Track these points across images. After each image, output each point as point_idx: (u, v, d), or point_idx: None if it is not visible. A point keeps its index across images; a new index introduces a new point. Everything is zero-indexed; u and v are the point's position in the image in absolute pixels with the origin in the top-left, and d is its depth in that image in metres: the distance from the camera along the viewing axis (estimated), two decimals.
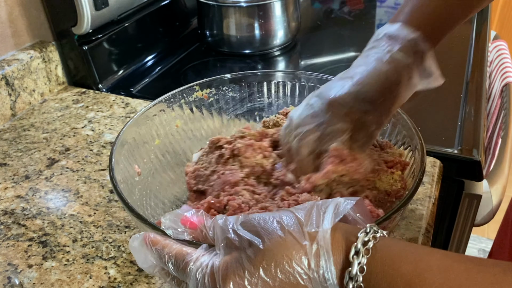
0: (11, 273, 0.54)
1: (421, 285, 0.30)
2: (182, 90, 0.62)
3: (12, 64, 0.83)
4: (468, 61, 0.98)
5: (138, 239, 0.39)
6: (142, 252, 0.39)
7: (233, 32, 1.02)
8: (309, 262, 0.32)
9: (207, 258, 0.35)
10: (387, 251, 0.32)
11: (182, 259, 0.36)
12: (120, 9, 0.94)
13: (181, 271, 0.36)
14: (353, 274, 0.31)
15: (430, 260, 0.31)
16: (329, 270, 0.31)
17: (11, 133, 0.80)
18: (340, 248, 0.32)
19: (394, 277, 0.30)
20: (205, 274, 0.34)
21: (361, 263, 0.31)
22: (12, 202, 0.65)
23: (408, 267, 0.30)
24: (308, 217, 0.34)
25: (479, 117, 0.79)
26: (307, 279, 0.32)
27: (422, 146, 0.50)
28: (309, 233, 0.33)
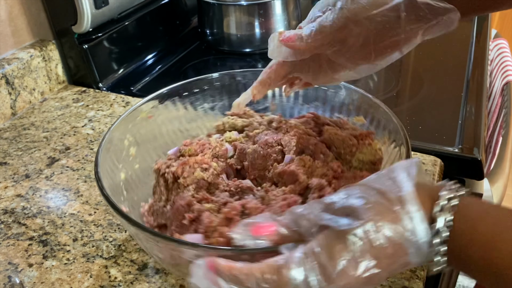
0: (12, 272, 0.54)
1: (499, 244, 0.31)
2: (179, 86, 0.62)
3: (12, 63, 0.83)
4: (469, 60, 0.97)
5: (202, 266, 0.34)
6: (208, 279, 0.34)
7: (233, 31, 1.02)
8: (405, 224, 0.33)
9: (299, 252, 0.33)
10: (469, 209, 0.33)
11: (273, 269, 0.33)
12: (120, 8, 0.94)
13: (277, 281, 0.32)
14: (437, 229, 0.32)
15: (507, 221, 0.32)
16: (423, 228, 0.33)
17: (11, 132, 0.80)
18: (426, 206, 0.33)
19: (474, 235, 0.32)
20: (311, 261, 0.32)
21: (447, 219, 0.32)
22: (12, 201, 0.65)
23: (487, 226, 0.32)
24: (386, 185, 0.35)
25: (479, 116, 0.79)
26: (405, 240, 0.33)
27: (407, 141, 0.50)
28: (396, 198, 0.33)
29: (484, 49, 1.03)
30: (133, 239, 0.57)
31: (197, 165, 0.51)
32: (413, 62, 1.00)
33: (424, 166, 0.67)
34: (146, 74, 0.98)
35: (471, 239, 0.32)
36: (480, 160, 0.69)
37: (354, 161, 0.53)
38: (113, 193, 0.47)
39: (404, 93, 0.90)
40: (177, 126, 0.63)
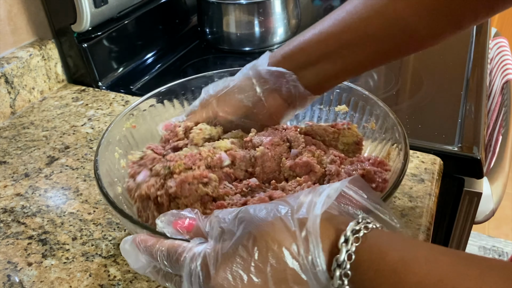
0: (11, 271, 0.54)
1: (406, 274, 0.30)
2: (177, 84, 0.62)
3: (12, 62, 0.83)
4: (469, 58, 0.97)
5: (128, 241, 0.40)
6: (133, 253, 0.39)
7: (233, 30, 1.02)
8: (298, 248, 0.32)
9: (200, 248, 0.36)
10: (376, 241, 0.32)
11: (174, 251, 0.36)
12: (119, 7, 0.93)
13: (174, 263, 0.36)
14: (340, 261, 0.31)
15: (418, 251, 0.31)
16: (318, 257, 0.32)
17: (11, 131, 0.80)
18: (330, 235, 0.32)
19: (381, 265, 0.31)
20: (198, 263, 0.34)
21: (350, 251, 0.31)
22: (11, 200, 0.65)
23: (395, 256, 0.31)
24: (301, 203, 0.34)
25: (479, 115, 0.78)
26: (297, 264, 0.32)
27: (405, 137, 0.50)
28: (299, 220, 0.33)
29: (484, 47, 1.02)
30: None
31: (197, 180, 0.47)
32: (413, 61, 1.00)
33: (423, 165, 0.67)
34: (146, 73, 0.98)
35: (378, 270, 0.31)
36: (480, 159, 0.69)
37: (340, 144, 0.55)
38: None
39: (404, 92, 0.90)
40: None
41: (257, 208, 0.35)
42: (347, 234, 0.32)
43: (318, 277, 0.32)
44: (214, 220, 0.37)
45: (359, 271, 0.31)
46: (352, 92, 0.60)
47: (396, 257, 0.31)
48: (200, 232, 0.38)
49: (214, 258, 0.34)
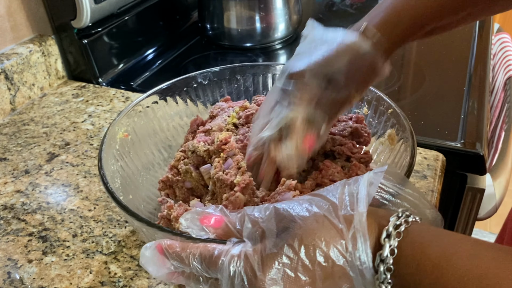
0: (11, 268, 0.54)
1: (448, 269, 0.30)
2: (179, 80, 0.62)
3: (11, 58, 0.82)
4: (471, 54, 0.97)
5: (149, 248, 0.37)
6: (156, 261, 0.36)
7: (234, 25, 1.02)
8: (347, 245, 0.32)
9: (238, 249, 0.34)
10: (418, 235, 0.32)
11: (209, 255, 0.34)
12: (119, 2, 0.93)
13: (210, 267, 0.34)
14: (384, 257, 0.31)
15: (460, 246, 0.31)
16: (365, 253, 0.32)
17: (11, 128, 0.79)
18: (373, 231, 0.32)
19: (422, 260, 0.31)
20: (240, 266, 0.33)
21: (392, 246, 0.31)
22: (12, 197, 0.64)
23: (436, 251, 0.31)
24: (342, 199, 0.34)
25: (482, 111, 0.78)
26: (345, 261, 0.32)
27: (413, 137, 0.49)
28: (344, 217, 0.33)
29: (487, 43, 1.02)
30: (133, 235, 0.57)
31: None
32: (415, 57, 0.99)
33: (426, 161, 0.66)
34: (146, 69, 0.97)
35: (419, 265, 0.31)
36: (483, 155, 0.68)
37: None
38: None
39: (406, 88, 0.89)
40: (177, 121, 0.62)
41: (294, 204, 0.35)
42: (389, 229, 0.32)
43: (364, 274, 0.32)
44: (246, 218, 0.35)
45: (401, 266, 0.31)
46: None
47: (438, 252, 0.30)
48: (229, 230, 0.36)
49: (258, 259, 0.33)
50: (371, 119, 0.59)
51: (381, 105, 0.57)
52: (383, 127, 0.57)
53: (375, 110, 0.58)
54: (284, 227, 0.33)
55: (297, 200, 0.35)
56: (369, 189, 0.34)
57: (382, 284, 0.31)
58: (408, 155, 0.48)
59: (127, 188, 0.52)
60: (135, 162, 0.56)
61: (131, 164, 0.55)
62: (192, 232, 0.37)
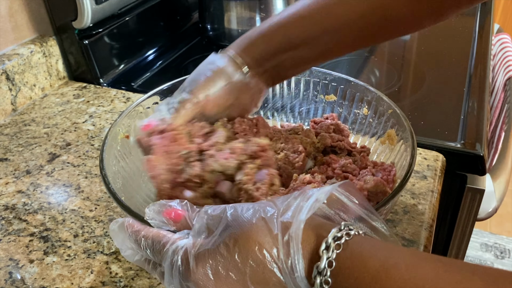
0: (12, 268, 0.54)
1: (387, 280, 0.29)
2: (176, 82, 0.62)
3: (13, 59, 0.82)
4: (471, 55, 0.97)
5: (118, 223, 0.40)
6: (121, 236, 0.40)
7: (234, 26, 1.02)
8: (279, 252, 0.32)
9: (184, 241, 0.35)
10: (358, 247, 0.31)
11: (159, 241, 0.36)
12: (120, 3, 0.93)
13: (157, 252, 0.36)
14: (321, 268, 0.31)
15: (399, 257, 0.30)
16: (297, 262, 0.31)
17: (12, 128, 0.80)
18: (311, 242, 0.32)
19: (362, 272, 0.30)
20: (179, 256, 0.34)
21: (330, 258, 0.31)
22: (13, 197, 0.65)
23: (376, 263, 0.30)
24: (288, 206, 0.34)
25: (482, 111, 0.78)
26: (276, 268, 0.32)
27: (413, 138, 0.49)
28: (283, 223, 0.33)
29: (487, 43, 1.02)
30: None
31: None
32: (415, 57, 1.00)
33: (426, 161, 0.67)
34: (147, 70, 0.97)
35: (358, 278, 0.30)
36: (482, 156, 0.68)
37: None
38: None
39: (406, 88, 0.89)
40: None
41: (244, 207, 0.35)
42: (329, 240, 0.32)
43: (297, 283, 0.31)
44: (201, 215, 0.36)
45: (339, 279, 0.31)
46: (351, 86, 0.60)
47: (377, 264, 0.30)
48: (188, 225, 0.38)
49: (195, 253, 0.34)
50: (371, 120, 0.59)
51: (381, 106, 0.57)
52: (383, 127, 0.57)
53: (375, 110, 0.58)
54: (226, 225, 0.34)
55: (250, 203, 0.36)
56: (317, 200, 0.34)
57: None
58: (408, 155, 0.48)
59: (129, 188, 0.52)
60: (136, 163, 0.56)
61: (132, 165, 0.55)
62: (154, 223, 0.39)
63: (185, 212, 0.38)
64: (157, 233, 0.37)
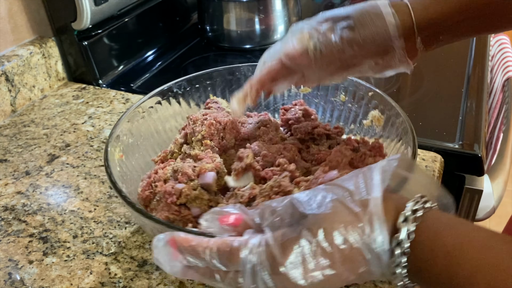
0: (12, 269, 0.54)
1: (460, 258, 0.30)
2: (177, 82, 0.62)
3: (12, 60, 0.83)
4: (470, 56, 0.97)
5: (163, 240, 0.36)
6: (168, 253, 0.35)
7: (234, 27, 1.02)
8: (364, 228, 0.32)
9: (257, 239, 0.34)
10: (434, 222, 0.32)
11: (227, 248, 0.34)
12: (119, 4, 0.93)
13: (228, 259, 0.34)
14: (400, 240, 0.32)
15: (474, 236, 0.31)
16: (382, 236, 0.32)
17: (11, 129, 0.80)
18: (390, 215, 0.33)
19: (437, 246, 0.31)
20: (261, 251, 0.33)
21: (409, 230, 0.32)
22: (12, 198, 0.65)
23: (451, 239, 0.31)
24: (357, 186, 0.34)
25: (480, 112, 0.78)
26: (362, 244, 0.32)
27: (415, 144, 0.50)
28: (360, 201, 0.33)
29: (485, 45, 1.02)
30: (133, 235, 0.57)
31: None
32: None
33: (424, 162, 0.67)
34: (146, 71, 0.98)
35: (433, 251, 0.31)
36: (481, 156, 0.69)
37: None
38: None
39: (405, 89, 0.90)
40: (179, 122, 0.63)
41: (310, 194, 0.35)
42: (407, 213, 0.32)
43: (380, 256, 0.32)
44: (266, 210, 0.36)
45: (417, 250, 0.31)
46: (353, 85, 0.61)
47: (452, 240, 0.31)
48: (248, 226, 0.36)
49: (278, 244, 0.33)
50: (350, 105, 0.60)
51: (359, 90, 0.59)
52: (365, 111, 0.59)
53: (353, 95, 0.60)
54: (302, 213, 0.34)
55: (312, 190, 0.36)
56: (383, 176, 0.34)
57: (397, 267, 0.32)
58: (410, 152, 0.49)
59: (129, 189, 0.52)
60: (135, 164, 0.56)
61: (130, 166, 0.55)
62: (214, 231, 0.37)
63: (242, 215, 0.37)
64: (222, 240, 0.35)
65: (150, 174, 0.53)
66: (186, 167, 0.50)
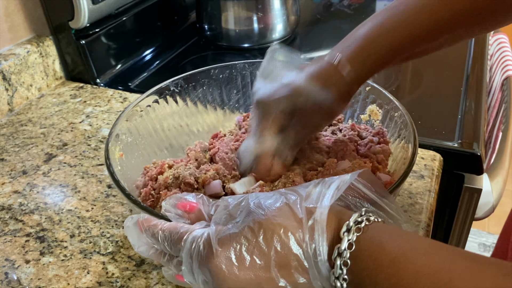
0: (8, 269, 0.54)
1: (404, 264, 0.30)
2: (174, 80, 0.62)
3: (9, 59, 0.82)
4: (469, 55, 0.97)
5: (132, 220, 0.40)
6: (136, 233, 0.40)
7: (232, 26, 1.02)
8: (304, 235, 0.32)
9: (201, 231, 0.36)
10: (377, 232, 0.32)
11: (176, 232, 0.37)
12: (117, 3, 0.93)
13: (175, 243, 0.36)
14: (341, 250, 0.32)
15: (418, 243, 0.31)
16: (321, 246, 0.32)
17: (9, 128, 0.79)
18: (333, 226, 0.33)
19: (380, 254, 0.31)
20: (201, 241, 0.34)
21: (350, 240, 0.32)
22: (9, 197, 0.64)
23: (394, 247, 0.31)
24: (310, 193, 0.35)
25: (479, 111, 0.78)
26: (301, 251, 0.32)
27: (415, 137, 0.50)
28: (307, 208, 0.33)
29: (484, 44, 1.02)
30: None
31: None
32: None
33: (423, 161, 0.67)
34: (144, 70, 0.97)
35: (376, 259, 0.31)
36: (480, 155, 0.68)
37: None
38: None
39: (404, 88, 0.89)
40: (177, 121, 0.62)
41: (267, 194, 0.36)
42: (350, 223, 0.32)
43: (319, 267, 0.32)
44: (222, 204, 0.37)
45: (358, 261, 0.31)
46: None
47: (396, 249, 0.31)
48: (203, 216, 0.38)
49: (217, 237, 0.34)
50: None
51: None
52: (362, 106, 0.60)
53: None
54: (249, 211, 0.34)
55: (273, 192, 0.37)
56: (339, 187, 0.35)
57: (337, 280, 0.32)
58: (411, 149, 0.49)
59: (130, 188, 0.52)
60: (134, 163, 0.56)
61: (130, 164, 0.55)
62: (170, 216, 0.39)
63: (199, 205, 0.39)
64: (174, 225, 0.38)
65: (145, 182, 0.52)
66: (188, 176, 0.49)
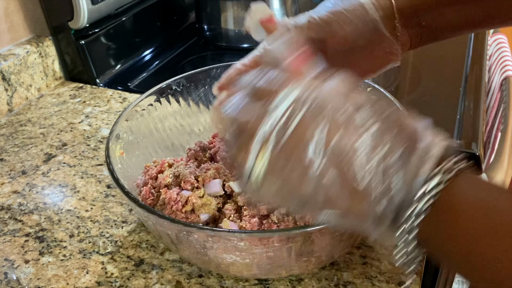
0: (8, 269, 0.54)
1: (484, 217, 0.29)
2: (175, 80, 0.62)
3: (9, 59, 0.82)
4: (468, 55, 0.97)
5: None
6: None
7: (231, 26, 1.02)
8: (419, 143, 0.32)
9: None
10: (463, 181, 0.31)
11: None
12: (117, 3, 0.93)
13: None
14: (430, 188, 0.30)
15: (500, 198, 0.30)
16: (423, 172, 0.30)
17: (8, 129, 0.79)
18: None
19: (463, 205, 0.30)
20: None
21: (442, 180, 0.30)
22: (8, 197, 0.64)
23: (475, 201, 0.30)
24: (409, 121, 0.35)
25: (478, 111, 0.78)
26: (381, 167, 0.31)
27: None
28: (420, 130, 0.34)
29: (483, 44, 1.02)
30: (129, 235, 0.57)
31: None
32: (412, 57, 1.00)
33: None
34: (144, 70, 0.97)
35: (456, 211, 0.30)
36: (478, 155, 0.68)
37: None
38: None
39: (403, 88, 0.89)
40: (178, 120, 0.63)
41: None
42: (447, 164, 0.31)
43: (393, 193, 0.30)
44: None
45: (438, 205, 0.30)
46: None
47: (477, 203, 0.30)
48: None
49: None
50: None
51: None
52: None
53: None
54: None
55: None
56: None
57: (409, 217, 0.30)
58: None
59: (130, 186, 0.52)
60: (135, 162, 0.56)
61: (131, 163, 0.55)
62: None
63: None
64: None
65: (146, 180, 0.52)
66: (188, 174, 0.49)
